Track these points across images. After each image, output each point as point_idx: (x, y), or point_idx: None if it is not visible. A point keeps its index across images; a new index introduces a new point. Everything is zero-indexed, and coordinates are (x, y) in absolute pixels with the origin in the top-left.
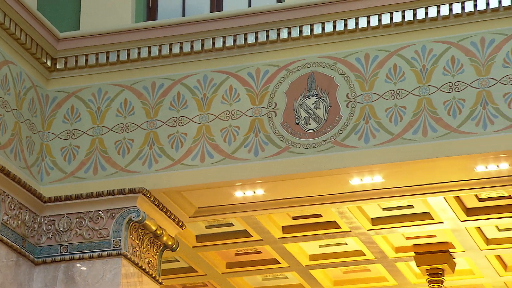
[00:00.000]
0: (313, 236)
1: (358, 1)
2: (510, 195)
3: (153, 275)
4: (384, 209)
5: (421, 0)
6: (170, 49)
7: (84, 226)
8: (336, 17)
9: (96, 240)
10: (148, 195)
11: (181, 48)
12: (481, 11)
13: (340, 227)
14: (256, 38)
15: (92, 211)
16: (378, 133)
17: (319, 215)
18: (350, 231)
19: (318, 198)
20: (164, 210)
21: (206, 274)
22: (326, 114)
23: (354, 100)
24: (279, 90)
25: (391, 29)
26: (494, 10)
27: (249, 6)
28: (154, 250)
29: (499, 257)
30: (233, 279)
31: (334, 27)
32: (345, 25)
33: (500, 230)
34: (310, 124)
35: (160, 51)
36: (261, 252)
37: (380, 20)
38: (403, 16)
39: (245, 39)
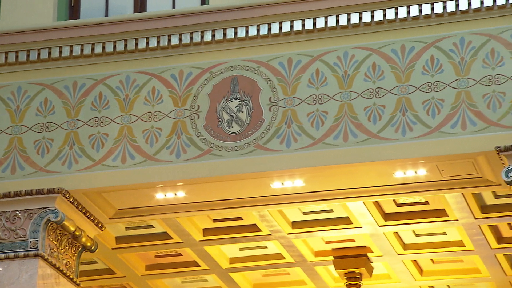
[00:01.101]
0: (233, 239)
1: (281, 5)
2: (427, 201)
3: (71, 277)
4: (304, 213)
5: (343, 6)
6: (93, 49)
7: (0, 226)
8: (260, 21)
9: (12, 240)
10: (67, 196)
11: (103, 48)
12: (402, 19)
13: (261, 230)
14: (180, 40)
15: (9, 211)
16: (300, 138)
17: (240, 218)
18: (271, 235)
19: (239, 201)
20: (84, 211)
21: (125, 276)
22: (249, 117)
23: (277, 104)
24: (202, 92)
25: (314, 34)
26: (415, 18)
27: (173, 7)
28: (73, 251)
29: (415, 262)
30: (153, 281)
31: (258, 31)
32: (269, 29)
33: (417, 235)
34: (232, 127)
35: (82, 50)
36: (181, 255)
37: (303, 25)
38: (325, 22)
39: (169, 40)
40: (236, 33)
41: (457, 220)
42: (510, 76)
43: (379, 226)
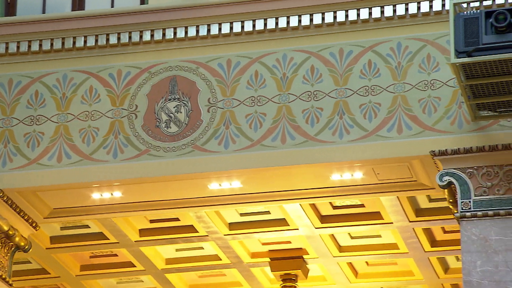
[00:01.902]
0: (170, 240)
1: (220, 7)
2: (363, 204)
3: (3, 277)
4: (241, 214)
5: (281, 9)
6: (29, 46)
7: None
8: (199, 22)
9: None
10: (1, 194)
11: (40, 45)
12: (340, 23)
13: (197, 231)
14: (118, 39)
15: None
16: (238, 139)
17: (177, 219)
18: (207, 236)
19: (176, 202)
20: (18, 210)
21: (59, 276)
22: (187, 118)
23: (215, 105)
24: (140, 92)
25: (254, 36)
26: (353, 22)
27: (112, 6)
28: (5, 251)
29: (350, 264)
30: (87, 281)
31: (197, 31)
32: (208, 30)
33: (352, 237)
34: (170, 128)
35: (18, 47)
36: (117, 255)
37: (243, 27)
38: (265, 24)
39: (107, 39)
40: (175, 34)
41: (392, 223)
42: (446, 81)
43: (315, 228)
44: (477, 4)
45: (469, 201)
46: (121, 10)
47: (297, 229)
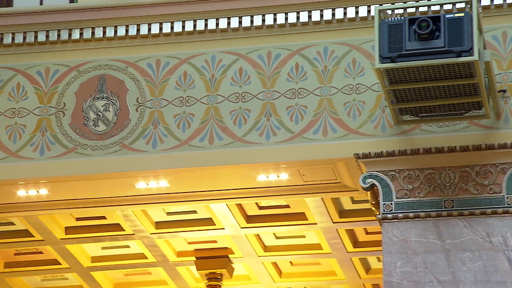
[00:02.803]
0: (96, 238)
1: (150, 7)
2: (288, 205)
3: None
4: (168, 214)
5: (211, 11)
6: None
7: None
8: (129, 21)
9: None
10: None
11: None
12: (269, 26)
13: (124, 230)
14: (47, 36)
15: None
16: (166, 139)
17: (103, 217)
18: (134, 234)
19: (103, 200)
20: None
21: None
22: (115, 117)
23: (144, 105)
24: (68, 90)
25: (183, 37)
26: (281, 26)
27: (41, 4)
28: None
29: (275, 264)
30: (11, 279)
31: (127, 31)
32: (138, 30)
33: (277, 238)
34: (98, 126)
35: None
36: (42, 253)
37: (172, 28)
38: (194, 25)
39: (35, 37)
40: (104, 32)
41: (316, 224)
42: (370, 86)
43: (241, 228)
44: (401, 11)
45: (391, 203)
46: (50, 8)
47: (223, 228)
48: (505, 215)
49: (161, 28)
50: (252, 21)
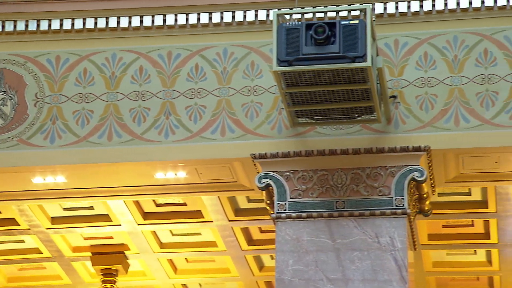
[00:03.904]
0: None
1: (51, 3)
2: (185, 202)
3: None
4: (65, 209)
5: (113, 9)
6: None
7: None
8: (29, 16)
9: None
10: None
11: None
12: (170, 26)
13: (19, 225)
14: None
15: None
16: (65, 135)
17: None
18: (29, 229)
19: None
20: None
21: None
22: (13, 111)
23: (43, 100)
24: None
25: (84, 34)
26: (182, 26)
27: None
28: None
29: (170, 261)
30: None
31: (27, 26)
32: (38, 25)
33: (173, 235)
34: None
35: None
36: None
37: (73, 24)
38: (95, 23)
39: None
40: (3, 27)
41: (212, 221)
42: (268, 88)
43: (138, 224)
44: (299, 16)
45: (285, 203)
46: None
47: (120, 225)
48: (393, 217)
49: (61, 24)
50: (153, 21)
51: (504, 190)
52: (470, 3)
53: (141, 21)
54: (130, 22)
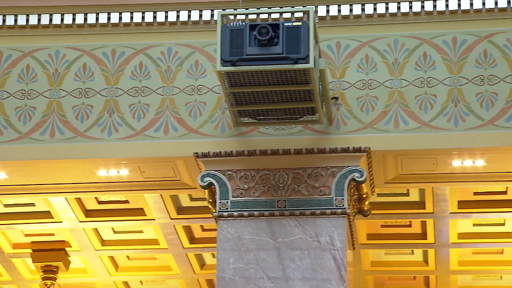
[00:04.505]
0: None
1: None
2: (127, 200)
3: None
4: (6, 206)
5: (56, 6)
6: None
7: None
8: None
9: None
10: None
11: None
12: (114, 24)
13: None
14: None
15: None
16: (6, 131)
17: None
18: None
19: None
20: None
21: None
22: None
23: None
24: None
25: (27, 31)
26: (126, 24)
27: None
28: None
29: (112, 258)
30: None
31: None
32: None
33: (115, 232)
34: None
35: None
36: None
37: (16, 20)
38: (39, 20)
39: None
40: None
41: (154, 219)
42: (212, 87)
43: (80, 221)
44: (243, 17)
45: (227, 202)
46: None
47: (61, 222)
48: (333, 216)
49: (4, 20)
50: (97, 19)
51: (441, 191)
52: (411, 7)
53: (85, 19)
54: (74, 19)
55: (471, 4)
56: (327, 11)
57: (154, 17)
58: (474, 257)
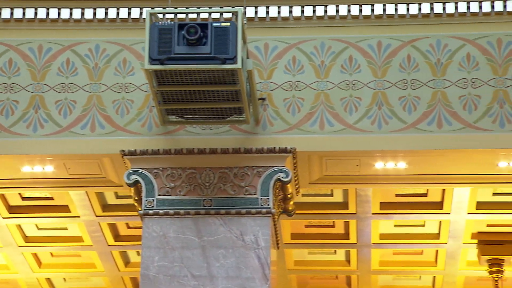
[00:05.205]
0: None
1: None
2: (52, 197)
3: None
4: None
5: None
6: None
7: None
8: None
9: None
10: None
11: None
12: (41, 20)
13: None
14: None
15: None
16: None
17: None
18: None
19: None
20: None
21: None
22: None
23: None
24: None
25: None
26: (54, 20)
27: None
28: None
29: (35, 255)
30: None
31: None
32: None
33: (39, 229)
34: None
35: None
36: None
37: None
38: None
39: None
40: None
41: (79, 216)
42: (140, 85)
43: (3, 218)
44: (172, 16)
45: (153, 200)
46: None
47: None
48: (258, 216)
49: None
50: (24, 14)
51: (364, 192)
52: (337, 11)
53: (12, 13)
54: (12, 14)
55: (396, 10)
56: (256, 12)
57: (82, 14)
58: (394, 257)
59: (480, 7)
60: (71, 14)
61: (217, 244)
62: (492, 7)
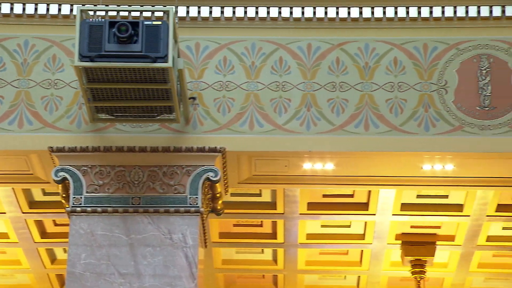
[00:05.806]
0: None
1: None
2: None
3: None
4: None
5: None
6: None
7: None
8: None
9: None
10: None
11: None
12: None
13: None
14: None
15: None
16: None
17: None
18: None
19: None
20: None
21: None
22: None
23: None
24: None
25: None
26: (6, 15)
27: None
28: None
29: None
30: None
31: None
32: None
33: None
34: None
35: None
36: None
37: None
38: None
39: None
40: None
41: (5, 213)
42: (69, 82)
43: None
44: (103, 13)
45: (81, 197)
46: None
47: None
48: (186, 214)
49: None
50: (48, 9)
51: (292, 192)
52: (268, 13)
53: (12, 8)
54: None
55: (326, 13)
56: (187, 12)
57: (11, 9)
58: (320, 257)
59: (407, 12)
60: (12, 9)
61: (145, 242)
62: (419, 12)
